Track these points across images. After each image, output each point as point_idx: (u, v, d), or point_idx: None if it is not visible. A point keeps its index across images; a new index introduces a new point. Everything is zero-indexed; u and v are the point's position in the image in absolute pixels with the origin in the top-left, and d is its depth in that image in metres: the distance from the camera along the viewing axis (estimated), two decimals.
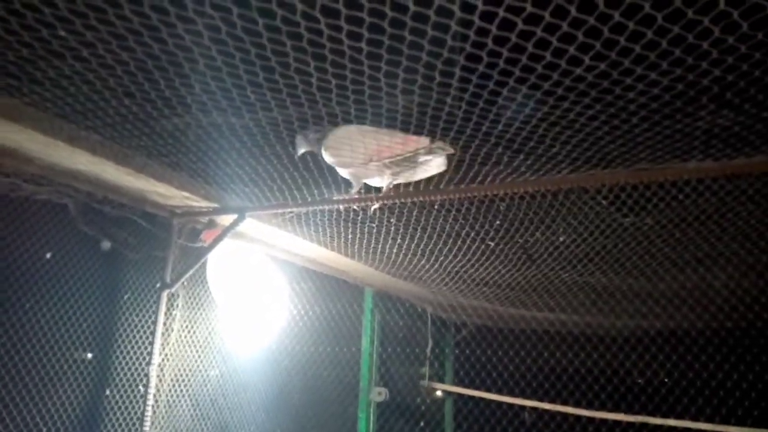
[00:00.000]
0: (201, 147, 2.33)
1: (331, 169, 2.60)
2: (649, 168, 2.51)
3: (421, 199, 3.02)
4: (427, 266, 4.09)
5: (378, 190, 2.88)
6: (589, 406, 5.18)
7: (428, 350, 6.27)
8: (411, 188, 2.94)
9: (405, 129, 1.94)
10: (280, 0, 1.31)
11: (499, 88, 1.66)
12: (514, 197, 2.94)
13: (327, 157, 2.30)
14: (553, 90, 1.66)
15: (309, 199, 3.18)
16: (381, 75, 1.63)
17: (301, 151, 2.25)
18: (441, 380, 6.49)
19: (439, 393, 6.36)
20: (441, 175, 2.75)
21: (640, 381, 5.42)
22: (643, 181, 2.59)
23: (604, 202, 2.83)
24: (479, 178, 2.65)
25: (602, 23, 1.34)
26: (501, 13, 1.30)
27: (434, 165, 2.42)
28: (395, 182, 2.71)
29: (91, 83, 1.81)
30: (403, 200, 3.06)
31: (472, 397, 6.08)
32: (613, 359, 5.37)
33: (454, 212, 3.18)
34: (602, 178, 2.64)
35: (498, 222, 3.21)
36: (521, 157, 2.20)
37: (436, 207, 3.18)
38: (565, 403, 5.35)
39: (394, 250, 3.83)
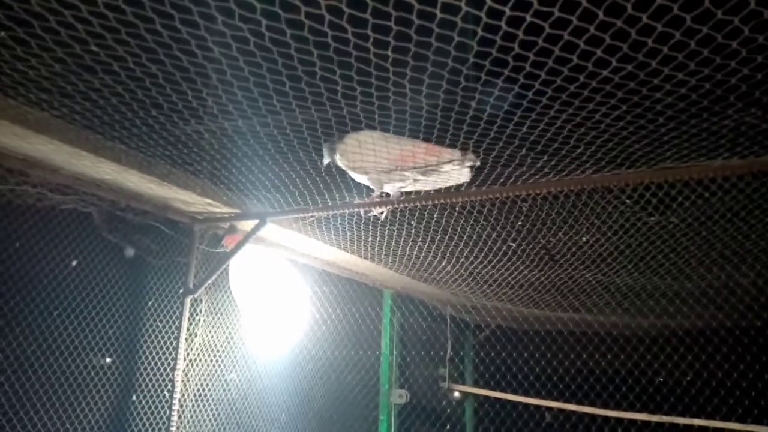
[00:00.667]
0: (224, 154, 2.36)
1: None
2: (674, 167, 2.48)
3: (442, 201, 3.02)
4: (447, 268, 4.09)
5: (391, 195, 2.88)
6: (616, 407, 5.14)
7: (448, 352, 6.26)
8: (432, 191, 2.95)
9: (429, 131, 1.94)
10: (308, 11, 1.32)
11: (525, 92, 1.65)
12: (536, 198, 2.93)
13: (343, 162, 2.30)
14: (580, 92, 1.65)
15: (330, 203, 3.19)
16: (406, 81, 1.64)
17: (327, 161, 2.26)
18: (461, 382, 6.48)
19: (457, 394, 6.34)
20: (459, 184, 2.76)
21: (667, 381, 5.36)
22: (668, 179, 2.56)
23: (628, 201, 2.81)
24: (501, 180, 2.64)
25: (630, 26, 1.33)
26: (528, 18, 1.30)
27: (456, 175, 2.45)
28: (414, 189, 2.71)
29: (120, 95, 1.84)
30: (424, 203, 3.06)
31: (492, 399, 6.05)
32: (640, 359, 5.31)
33: (475, 214, 3.17)
34: (626, 178, 2.62)
35: (520, 223, 3.20)
36: (545, 158, 2.19)
37: (457, 209, 3.18)
38: (589, 404, 5.31)
39: (414, 252, 3.83)
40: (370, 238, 3.72)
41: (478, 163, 2.28)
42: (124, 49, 1.55)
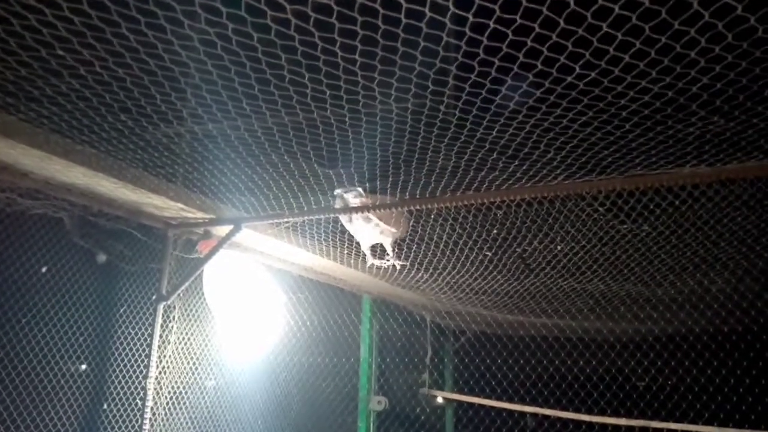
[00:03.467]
0: (195, 158, 2.34)
1: (328, 178, 2.61)
2: (644, 174, 2.52)
3: (417, 207, 3.03)
4: (425, 277, 4.10)
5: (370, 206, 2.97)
6: (590, 411, 5.17)
7: (428, 358, 6.26)
8: (407, 196, 2.96)
9: (399, 135, 1.95)
10: (274, 15, 1.33)
11: (492, 96, 1.67)
12: (510, 205, 2.95)
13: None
14: (546, 97, 1.67)
15: (305, 209, 3.18)
16: (374, 84, 1.64)
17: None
18: (441, 388, 6.48)
19: (440, 400, 6.34)
20: (436, 184, 2.77)
21: (640, 384, 5.42)
22: (639, 187, 2.60)
23: (600, 209, 2.85)
24: (475, 185, 2.66)
25: (591, 34, 1.35)
26: (491, 24, 1.32)
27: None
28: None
29: (88, 99, 1.82)
30: (399, 209, 3.07)
31: (472, 405, 6.06)
32: (612, 364, 5.37)
33: (450, 221, 3.19)
34: (598, 185, 2.65)
35: (495, 231, 3.22)
36: (516, 162, 2.21)
37: (432, 216, 3.19)
38: (565, 408, 5.35)
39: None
40: (346, 247, 3.72)
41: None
42: (90, 53, 1.53)
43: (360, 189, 2.86)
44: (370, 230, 3.21)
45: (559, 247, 3.28)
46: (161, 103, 1.82)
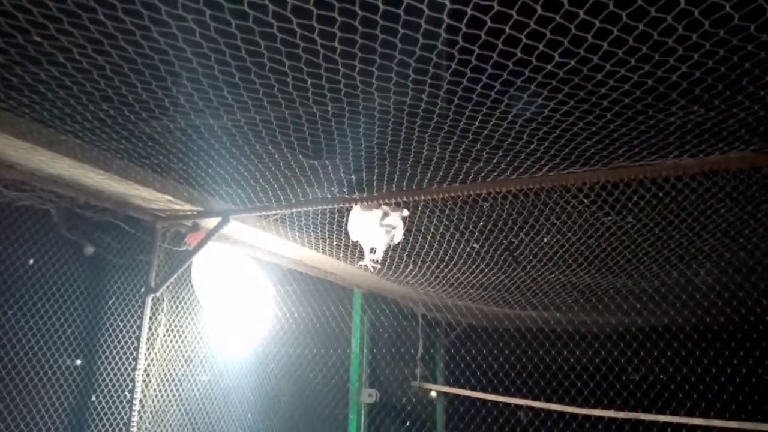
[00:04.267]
0: (181, 149, 2.33)
1: (314, 170, 2.61)
2: (628, 165, 2.53)
3: (404, 199, 3.03)
4: (414, 270, 4.10)
5: (362, 197, 3.00)
6: (580, 404, 5.20)
7: (419, 351, 6.28)
8: (394, 188, 2.96)
9: (383, 126, 1.95)
10: (251, 1, 1.32)
11: (473, 86, 1.67)
12: (497, 197, 2.96)
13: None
14: (526, 86, 1.68)
15: (293, 201, 3.19)
16: (355, 73, 1.64)
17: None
18: (432, 381, 6.50)
19: (433, 393, 6.37)
20: (422, 176, 2.78)
21: (630, 377, 5.45)
22: (623, 178, 2.61)
23: (585, 201, 2.86)
24: (461, 176, 2.66)
25: (569, 21, 1.36)
26: (469, 11, 1.32)
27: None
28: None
29: (68, 87, 1.81)
30: (387, 201, 3.08)
31: (463, 397, 6.08)
32: (602, 356, 5.39)
33: (438, 213, 3.20)
34: (583, 177, 2.66)
35: (482, 223, 3.23)
36: (500, 153, 2.22)
37: (419, 208, 3.20)
38: (558, 401, 5.37)
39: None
40: (335, 239, 3.72)
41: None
42: (68, 40, 1.53)
43: (406, 211, 3.18)
44: (384, 239, 3.29)
45: (545, 240, 3.30)
46: (142, 92, 1.82)
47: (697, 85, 1.70)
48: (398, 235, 3.27)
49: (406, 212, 3.22)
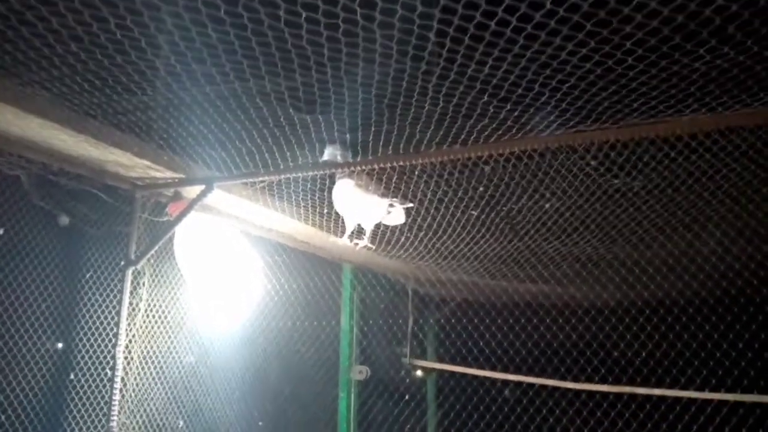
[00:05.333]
0: (161, 102, 2.14)
1: (305, 127, 2.42)
2: (641, 123, 2.39)
3: (401, 163, 2.86)
4: (407, 243, 3.95)
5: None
6: (576, 379, 5.13)
7: (410, 327, 6.18)
8: (390, 152, 2.79)
9: (384, 69, 1.77)
10: None
11: (488, 20, 1.50)
12: (499, 159, 2.80)
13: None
14: (545, 21, 1.51)
15: (282, 167, 3.00)
16: (356, 5, 1.46)
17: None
18: (423, 357, 6.40)
19: (419, 372, 6.29)
20: (420, 139, 2.62)
21: (626, 352, 5.38)
22: (634, 137, 2.46)
23: (593, 162, 2.71)
24: (462, 137, 2.50)
25: None
26: None
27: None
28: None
29: (30, 24, 1.61)
30: (382, 165, 2.91)
31: (454, 374, 6.00)
32: (598, 331, 5.30)
33: (436, 178, 3.03)
34: (591, 136, 2.51)
35: (482, 188, 3.08)
36: (508, 106, 2.05)
37: (417, 173, 3.03)
38: (549, 376, 5.29)
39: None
40: (325, 209, 3.55)
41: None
42: None
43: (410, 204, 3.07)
44: (375, 219, 3.17)
45: (547, 206, 3.15)
46: (116, 29, 1.61)
47: (731, 22, 1.54)
48: (394, 221, 3.18)
49: (410, 204, 3.10)
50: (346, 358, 5.33)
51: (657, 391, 4.72)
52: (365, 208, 3.07)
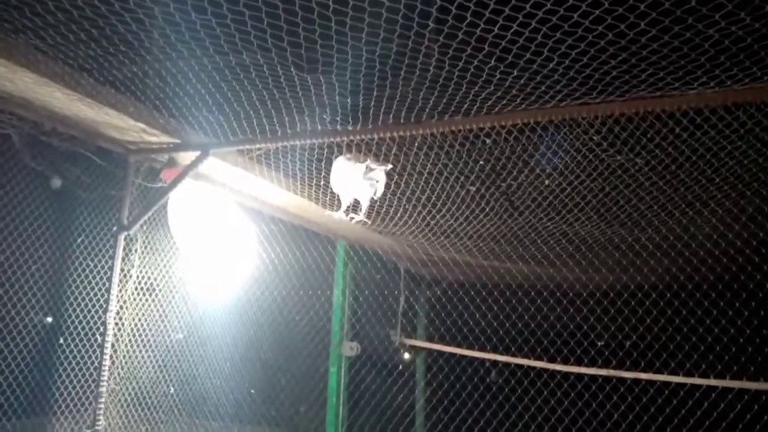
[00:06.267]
0: (157, 56, 2.07)
1: (306, 88, 2.36)
2: (646, 97, 2.35)
3: (401, 133, 2.81)
4: (405, 218, 3.91)
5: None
6: (564, 362, 5.13)
7: (401, 305, 6.18)
8: (390, 121, 2.74)
9: (390, 26, 1.72)
10: None
11: None
12: (500, 132, 2.76)
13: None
14: None
15: (279, 133, 2.95)
16: None
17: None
18: (413, 336, 6.40)
19: (407, 356, 6.29)
20: (422, 107, 2.56)
21: (616, 336, 5.39)
22: (639, 111, 2.43)
23: (596, 137, 2.67)
24: (465, 105, 2.45)
25: None
26: None
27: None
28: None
29: None
30: (382, 135, 2.86)
31: (444, 353, 6.00)
32: (589, 314, 5.31)
33: (436, 149, 2.99)
34: (596, 109, 2.47)
35: (482, 162, 3.04)
36: (514, 73, 2.01)
37: (416, 144, 2.98)
38: (538, 358, 5.30)
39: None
40: (322, 181, 3.50)
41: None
42: None
43: (390, 166, 3.01)
44: (368, 192, 3.14)
45: (546, 182, 3.12)
46: None
47: None
48: (380, 190, 3.15)
49: (389, 166, 3.07)
50: (338, 333, 5.32)
51: (644, 376, 4.73)
52: (354, 178, 3.05)
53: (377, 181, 3.05)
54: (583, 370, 4.95)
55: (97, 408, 3.04)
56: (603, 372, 4.83)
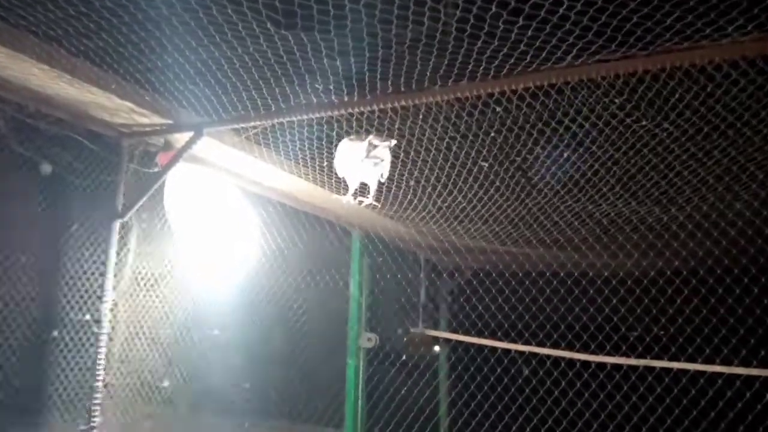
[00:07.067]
0: (139, 20, 1.88)
1: (303, 50, 2.15)
2: (672, 50, 2.08)
3: (403, 103, 2.59)
4: (415, 201, 3.69)
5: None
6: (595, 352, 4.84)
7: (421, 295, 5.98)
8: (390, 89, 2.52)
9: None
10: None
11: None
12: (512, 98, 2.51)
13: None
14: None
15: (273, 109, 2.75)
16: None
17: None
18: (434, 327, 6.19)
19: (436, 348, 6.11)
20: (422, 71, 2.34)
21: (652, 325, 5.08)
22: (665, 67, 2.16)
23: (617, 100, 2.41)
24: (471, 67, 2.22)
25: None
26: None
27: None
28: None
29: None
30: (382, 105, 2.64)
31: (468, 345, 5.77)
32: (620, 303, 4.98)
33: (443, 122, 2.75)
34: (616, 66, 2.21)
35: (493, 134, 2.79)
36: (520, 21, 1.77)
37: (421, 116, 2.75)
38: (567, 349, 5.03)
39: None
40: (325, 162, 3.29)
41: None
42: None
43: (393, 141, 2.81)
44: (373, 173, 2.97)
45: (565, 155, 2.86)
46: None
47: None
48: (386, 170, 2.95)
49: (393, 142, 2.86)
50: (355, 325, 5.16)
51: (676, 365, 4.43)
52: (358, 159, 2.87)
53: (381, 160, 2.84)
54: (611, 359, 4.68)
55: (93, 403, 2.90)
56: (631, 361, 4.55)
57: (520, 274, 5.30)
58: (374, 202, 3.53)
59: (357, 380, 5.12)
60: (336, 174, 3.34)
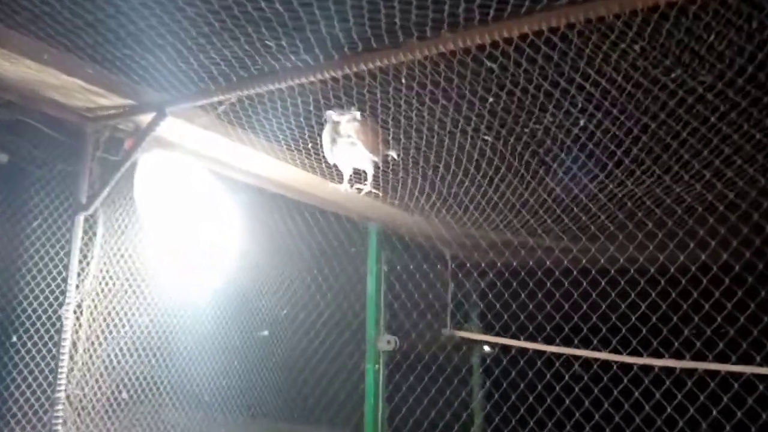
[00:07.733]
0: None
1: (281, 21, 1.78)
2: None
3: (378, 63, 2.18)
4: (416, 186, 3.27)
5: None
6: (635, 353, 4.29)
7: (449, 296, 5.56)
8: (360, 48, 2.11)
9: None
10: None
11: None
12: (506, 50, 2.06)
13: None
14: None
15: (235, 80, 2.39)
16: None
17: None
18: (465, 329, 5.76)
19: (487, 348, 5.73)
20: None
21: (700, 323, 4.46)
22: None
23: (636, 45, 1.93)
24: (448, 11, 1.79)
25: None
26: None
27: None
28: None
29: None
30: (355, 68, 2.23)
31: (502, 347, 5.32)
32: (663, 300, 4.37)
33: (430, 86, 2.32)
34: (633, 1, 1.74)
35: (491, 100, 2.34)
36: None
37: (403, 82, 2.33)
38: (610, 350, 4.50)
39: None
40: (309, 144, 2.92)
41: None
42: None
43: (357, 113, 2.50)
44: (355, 154, 2.68)
45: (581, 122, 2.38)
46: None
47: None
48: (362, 148, 2.61)
49: (356, 113, 2.45)
50: (373, 327, 4.79)
51: (734, 368, 3.83)
52: (333, 143, 2.52)
53: (349, 136, 2.46)
54: (657, 362, 4.13)
55: (55, 416, 2.63)
56: (681, 364, 3.99)
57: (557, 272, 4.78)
58: (374, 190, 3.16)
59: (377, 385, 4.76)
60: (323, 158, 2.98)
